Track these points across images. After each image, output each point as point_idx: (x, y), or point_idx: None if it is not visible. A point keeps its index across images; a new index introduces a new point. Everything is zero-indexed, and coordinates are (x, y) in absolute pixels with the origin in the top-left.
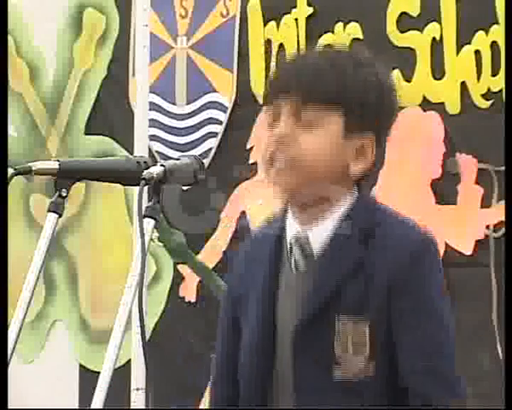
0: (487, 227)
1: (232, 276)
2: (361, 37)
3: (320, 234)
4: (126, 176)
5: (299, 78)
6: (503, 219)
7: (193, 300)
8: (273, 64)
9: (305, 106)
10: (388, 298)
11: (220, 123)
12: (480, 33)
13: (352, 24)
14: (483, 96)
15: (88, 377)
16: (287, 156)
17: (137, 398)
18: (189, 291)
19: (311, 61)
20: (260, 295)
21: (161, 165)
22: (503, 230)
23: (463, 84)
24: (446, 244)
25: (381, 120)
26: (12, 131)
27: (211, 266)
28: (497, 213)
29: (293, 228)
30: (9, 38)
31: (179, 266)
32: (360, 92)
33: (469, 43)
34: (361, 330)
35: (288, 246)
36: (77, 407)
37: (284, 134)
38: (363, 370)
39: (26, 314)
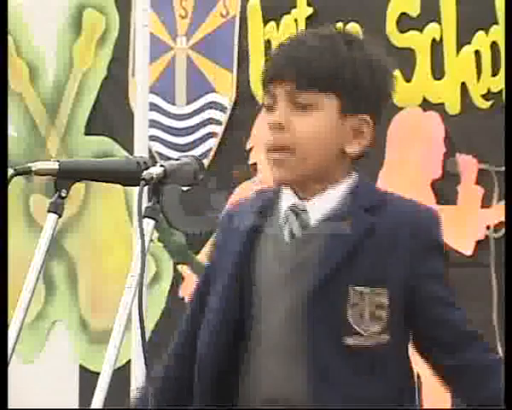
0: (487, 228)
1: (211, 248)
2: (361, 37)
3: (321, 205)
4: (126, 176)
5: (293, 64)
6: (503, 219)
7: None
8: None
9: (299, 91)
10: (411, 266)
11: (220, 123)
12: (480, 33)
13: (352, 24)
14: (483, 96)
15: (88, 377)
16: (284, 142)
17: None
18: (188, 291)
19: (304, 46)
20: (236, 260)
21: (161, 165)
22: (504, 230)
23: (463, 84)
24: (446, 245)
25: (376, 100)
26: (12, 131)
27: None
28: (498, 213)
29: (290, 200)
30: (9, 38)
31: (179, 267)
32: (354, 74)
33: (469, 43)
34: (377, 298)
35: (283, 216)
36: (77, 407)
37: (280, 120)
38: (377, 339)
39: (25, 314)
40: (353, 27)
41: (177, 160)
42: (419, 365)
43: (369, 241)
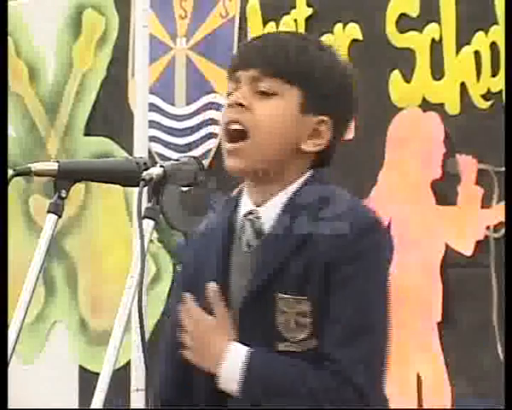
0: (487, 228)
1: (187, 258)
2: (360, 37)
3: (270, 211)
4: (126, 177)
5: (259, 52)
6: (503, 219)
7: None
8: None
9: (263, 77)
10: (327, 272)
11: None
12: (480, 34)
13: (352, 25)
14: (483, 96)
15: (88, 378)
16: (242, 122)
17: (137, 399)
18: None
19: (273, 38)
20: (214, 275)
21: (161, 166)
22: (504, 230)
23: (463, 84)
24: (446, 245)
25: (339, 105)
26: (11, 131)
27: None
28: (498, 213)
29: (246, 207)
30: (9, 38)
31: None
32: (319, 73)
33: (469, 43)
34: (302, 307)
35: (240, 224)
36: (77, 408)
37: (240, 100)
38: (306, 344)
39: (25, 315)
40: (353, 28)
41: (176, 160)
42: (419, 364)
43: (301, 251)
